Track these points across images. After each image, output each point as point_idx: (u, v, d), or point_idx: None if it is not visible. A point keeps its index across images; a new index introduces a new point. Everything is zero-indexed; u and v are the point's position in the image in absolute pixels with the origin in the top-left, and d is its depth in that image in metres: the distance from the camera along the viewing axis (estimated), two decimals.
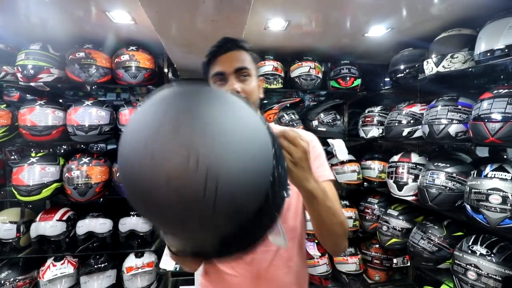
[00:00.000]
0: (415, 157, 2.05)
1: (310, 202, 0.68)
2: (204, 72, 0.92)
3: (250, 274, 0.84)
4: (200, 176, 0.34)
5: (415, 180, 1.96)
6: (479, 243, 1.52)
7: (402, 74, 2.09)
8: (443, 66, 1.67)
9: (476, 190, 1.47)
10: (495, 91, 1.44)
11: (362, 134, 2.43)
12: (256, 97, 0.88)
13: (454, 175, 1.69)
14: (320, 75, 2.35)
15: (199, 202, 0.35)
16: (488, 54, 1.42)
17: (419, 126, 1.94)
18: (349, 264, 2.32)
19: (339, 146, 2.25)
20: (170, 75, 2.34)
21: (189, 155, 0.34)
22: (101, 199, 2.16)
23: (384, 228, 2.11)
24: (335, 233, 0.74)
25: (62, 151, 2.63)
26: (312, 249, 2.25)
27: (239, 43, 0.88)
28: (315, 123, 2.35)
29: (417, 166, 2.00)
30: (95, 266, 2.00)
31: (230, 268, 0.86)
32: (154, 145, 0.35)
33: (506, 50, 1.35)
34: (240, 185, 0.37)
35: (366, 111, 2.46)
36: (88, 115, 1.92)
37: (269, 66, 2.26)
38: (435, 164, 1.79)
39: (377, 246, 2.37)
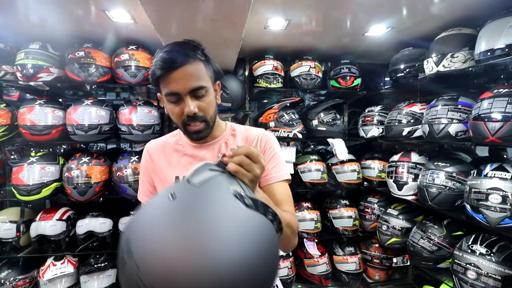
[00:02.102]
0: (415, 157, 2.05)
1: None
2: (154, 83, 0.81)
3: None
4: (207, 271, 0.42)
5: (415, 179, 1.96)
6: (478, 242, 1.52)
7: (402, 74, 2.09)
8: (443, 66, 1.66)
9: (476, 190, 1.47)
10: (495, 91, 1.44)
11: (362, 133, 2.43)
12: (213, 110, 0.85)
13: (454, 174, 1.69)
14: (320, 75, 2.34)
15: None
16: (489, 53, 1.42)
17: (419, 126, 1.94)
18: (349, 263, 2.32)
19: (339, 146, 2.25)
20: None
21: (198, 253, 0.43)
22: (101, 199, 2.16)
23: (384, 227, 2.11)
24: (283, 236, 0.76)
25: (61, 150, 2.63)
26: (312, 248, 2.25)
27: (193, 53, 0.78)
28: (315, 122, 2.35)
29: (417, 166, 2.00)
30: (95, 266, 2.00)
31: None
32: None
33: (507, 50, 1.35)
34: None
35: (366, 110, 2.47)
36: (87, 115, 1.92)
37: (269, 65, 2.26)
38: (435, 163, 1.79)
39: (377, 245, 2.37)
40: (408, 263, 2.05)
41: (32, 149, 2.29)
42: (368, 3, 1.53)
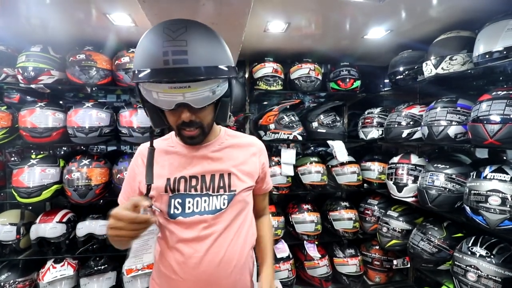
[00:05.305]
0: (414, 159, 2.06)
1: None
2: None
3: (194, 278, 0.85)
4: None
5: (414, 181, 1.96)
6: (478, 244, 1.52)
7: (402, 76, 2.10)
8: (442, 68, 1.67)
9: (475, 192, 1.47)
10: (494, 93, 1.45)
11: (361, 135, 2.43)
12: (211, 118, 0.83)
13: (453, 176, 1.69)
14: (319, 77, 2.35)
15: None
16: (487, 56, 1.43)
17: (419, 128, 1.95)
18: (349, 265, 2.32)
19: (338, 148, 2.26)
20: None
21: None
22: (101, 201, 2.16)
23: (384, 229, 2.11)
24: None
25: (62, 152, 2.63)
26: (312, 250, 2.25)
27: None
28: (315, 124, 2.36)
29: (417, 168, 2.00)
30: (95, 268, 2.00)
31: (174, 273, 0.86)
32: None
33: (505, 52, 1.36)
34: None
35: (366, 112, 2.47)
36: (88, 117, 1.93)
37: (269, 68, 2.27)
38: (435, 165, 1.80)
39: (377, 247, 2.37)
40: (409, 265, 2.05)
41: (32, 151, 2.29)
42: (367, 6, 1.54)
